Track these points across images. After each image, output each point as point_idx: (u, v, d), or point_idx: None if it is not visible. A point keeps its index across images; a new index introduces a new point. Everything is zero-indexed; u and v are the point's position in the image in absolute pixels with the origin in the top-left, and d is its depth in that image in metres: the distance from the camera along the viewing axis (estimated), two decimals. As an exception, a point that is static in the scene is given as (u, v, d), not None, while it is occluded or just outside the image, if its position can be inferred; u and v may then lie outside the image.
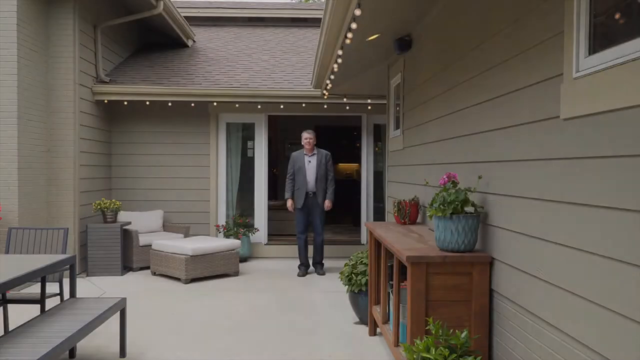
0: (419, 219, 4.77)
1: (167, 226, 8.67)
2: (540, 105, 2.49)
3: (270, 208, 9.87)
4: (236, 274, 7.57)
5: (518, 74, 2.71)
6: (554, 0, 2.36)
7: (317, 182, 7.53)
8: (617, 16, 2.05)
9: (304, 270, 7.63)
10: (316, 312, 5.72)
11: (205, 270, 7.23)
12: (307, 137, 7.60)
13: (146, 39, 10.64)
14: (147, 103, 8.65)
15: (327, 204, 7.58)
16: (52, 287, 5.08)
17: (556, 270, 2.33)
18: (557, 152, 2.33)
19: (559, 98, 2.30)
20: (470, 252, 3.09)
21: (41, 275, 3.96)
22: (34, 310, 5.16)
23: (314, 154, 7.61)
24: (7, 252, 4.86)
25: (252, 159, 9.26)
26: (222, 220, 9.07)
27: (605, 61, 1.98)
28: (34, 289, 6.02)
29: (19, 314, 5.18)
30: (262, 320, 5.39)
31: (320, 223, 7.64)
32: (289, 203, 7.64)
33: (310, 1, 22.62)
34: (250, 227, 8.90)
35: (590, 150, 2.07)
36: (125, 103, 8.63)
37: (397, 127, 6.04)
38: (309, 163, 7.58)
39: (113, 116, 8.84)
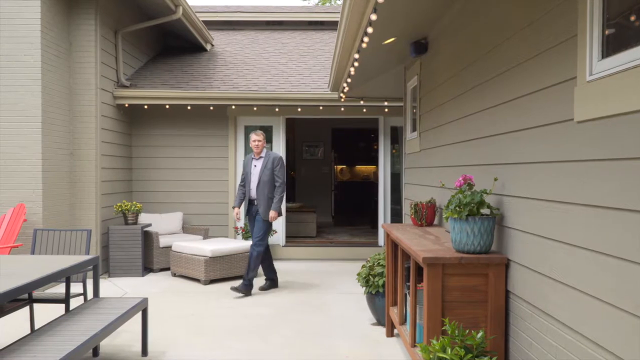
0: (435, 221, 4.80)
1: (187, 228, 8.79)
2: (554, 108, 2.51)
3: (288, 210, 9.95)
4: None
5: (533, 77, 2.74)
6: (567, 4, 2.39)
7: (259, 189, 6.65)
8: (630, 19, 2.07)
9: (267, 284, 6.93)
10: (334, 313, 5.76)
11: (224, 271, 7.32)
12: (254, 139, 6.75)
13: (165, 43, 10.80)
14: (167, 107, 8.79)
15: (272, 214, 6.59)
16: (75, 287, 5.20)
17: (571, 271, 2.35)
18: (571, 155, 2.35)
19: (572, 101, 2.33)
20: (486, 254, 3.12)
21: (66, 276, 4.07)
22: (58, 309, 5.28)
23: (261, 157, 6.77)
24: (32, 252, 4.99)
25: (270, 162, 9.32)
26: (240, 222, 9.16)
27: (618, 64, 2.01)
28: (58, 289, 6.16)
29: (45, 313, 5.31)
30: (281, 321, 5.45)
31: (258, 232, 6.64)
32: (234, 212, 6.87)
33: (327, 4, 22.69)
34: (268, 229, 8.96)
35: (604, 153, 2.10)
36: (146, 107, 8.78)
37: (413, 129, 6.07)
38: (255, 167, 6.77)
39: (134, 120, 8.99)
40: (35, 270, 3.77)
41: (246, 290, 6.53)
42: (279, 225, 9.22)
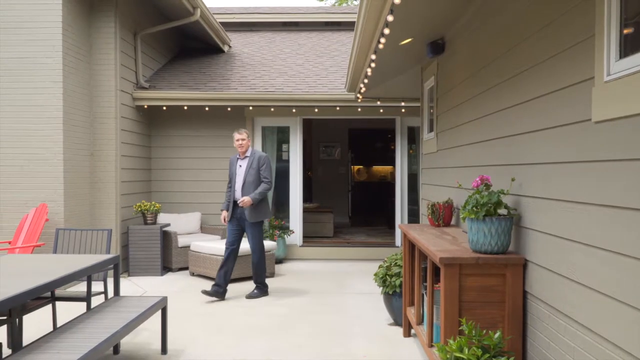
0: (452, 221, 4.79)
1: (205, 228, 8.87)
2: (572, 108, 2.51)
3: (305, 210, 9.98)
4: (272, 275, 7.69)
5: (550, 77, 2.73)
6: (585, 4, 2.38)
7: (244, 189, 6.35)
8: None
9: (213, 290, 6.31)
10: (351, 313, 5.78)
11: (242, 271, 7.37)
12: (237, 138, 6.44)
13: (184, 45, 10.91)
14: (185, 108, 8.88)
15: (245, 198, 6.22)
16: (96, 286, 5.28)
17: (589, 272, 2.34)
18: (589, 155, 2.35)
19: (590, 101, 2.32)
20: (503, 254, 3.11)
21: (87, 275, 4.14)
22: (80, 307, 5.37)
23: (246, 157, 6.48)
24: (54, 251, 5.08)
25: (287, 162, 9.38)
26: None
27: (635, 65, 2.00)
28: (80, 288, 6.25)
29: (67, 311, 5.40)
30: (298, 321, 5.48)
31: (252, 239, 6.45)
32: (222, 215, 6.55)
33: (344, 5, 22.70)
34: (285, 229, 9.02)
35: (622, 153, 2.09)
36: (164, 108, 8.87)
37: (430, 129, 6.06)
38: (240, 167, 6.48)
39: (152, 121, 9.10)
40: (57, 269, 3.84)
41: (261, 293, 6.57)
42: (296, 225, 9.26)
